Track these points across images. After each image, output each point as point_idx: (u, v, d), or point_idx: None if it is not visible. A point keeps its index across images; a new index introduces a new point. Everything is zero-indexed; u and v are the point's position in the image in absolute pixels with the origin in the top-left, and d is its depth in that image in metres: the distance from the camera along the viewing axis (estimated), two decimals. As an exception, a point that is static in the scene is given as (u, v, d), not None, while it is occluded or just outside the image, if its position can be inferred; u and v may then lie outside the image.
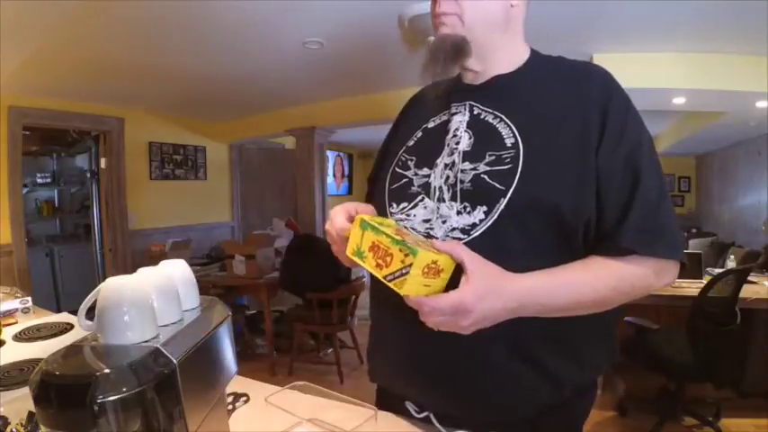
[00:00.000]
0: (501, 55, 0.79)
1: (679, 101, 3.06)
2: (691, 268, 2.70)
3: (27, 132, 3.67)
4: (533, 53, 0.82)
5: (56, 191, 5.15)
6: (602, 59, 2.65)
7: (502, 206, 0.69)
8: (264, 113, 4.45)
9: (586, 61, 0.80)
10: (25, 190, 4.04)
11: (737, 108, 3.28)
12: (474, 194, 0.72)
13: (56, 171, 5.09)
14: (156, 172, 4.30)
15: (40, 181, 4.90)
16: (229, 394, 0.94)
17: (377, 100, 3.69)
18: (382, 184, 0.86)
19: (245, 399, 0.94)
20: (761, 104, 3.07)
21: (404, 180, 0.82)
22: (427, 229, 0.75)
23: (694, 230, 5.19)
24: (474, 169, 0.73)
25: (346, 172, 7.48)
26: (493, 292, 0.62)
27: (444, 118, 0.82)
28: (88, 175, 4.38)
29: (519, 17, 0.79)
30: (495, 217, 0.69)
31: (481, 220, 0.70)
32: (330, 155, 6.52)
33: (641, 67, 2.67)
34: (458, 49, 0.76)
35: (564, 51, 0.81)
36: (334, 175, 6.98)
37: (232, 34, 2.38)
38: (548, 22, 2.19)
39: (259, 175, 5.36)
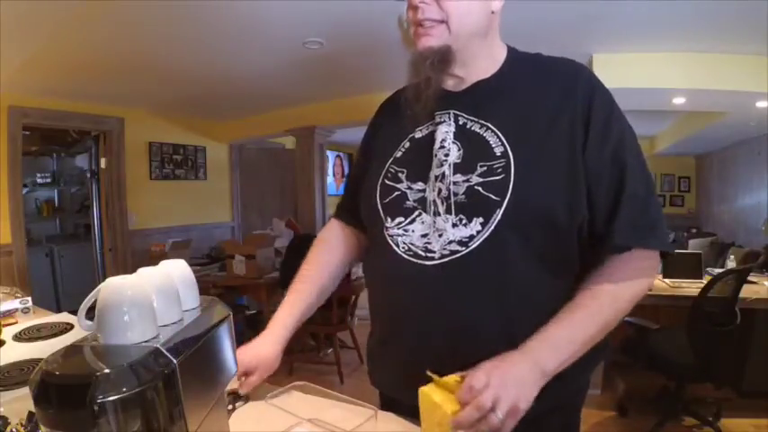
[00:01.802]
0: (481, 59, 0.79)
1: (679, 101, 3.06)
2: (691, 268, 2.70)
3: (27, 132, 3.67)
4: (510, 51, 0.82)
5: (56, 191, 5.14)
6: (602, 59, 2.65)
7: (498, 216, 0.70)
8: (264, 113, 4.45)
9: (566, 59, 0.80)
10: (25, 190, 4.04)
11: (737, 108, 3.28)
12: (469, 206, 0.72)
13: (56, 171, 5.09)
14: (156, 172, 4.30)
15: (40, 181, 4.89)
16: (229, 394, 0.93)
17: (377, 100, 3.67)
18: (373, 198, 0.83)
19: (245, 399, 0.94)
20: (761, 104, 3.07)
21: (396, 193, 0.80)
22: (425, 243, 0.74)
23: (694, 230, 5.17)
24: (467, 181, 0.73)
25: (346, 172, 7.48)
26: (499, 361, 0.64)
27: (431, 128, 0.81)
28: (88, 175, 4.37)
29: (497, 20, 0.79)
30: (493, 227, 0.70)
31: (478, 232, 0.71)
32: (330, 155, 6.52)
33: (641, 67, 2.66)
34: (443, 60, 0.75)
35: (564, 51, 0.81)
36: (334, 175, 6.98)
37: (232, 34, 2.38)
38: (547, 22, 2.19)
39: (259, 175, 5.36)
